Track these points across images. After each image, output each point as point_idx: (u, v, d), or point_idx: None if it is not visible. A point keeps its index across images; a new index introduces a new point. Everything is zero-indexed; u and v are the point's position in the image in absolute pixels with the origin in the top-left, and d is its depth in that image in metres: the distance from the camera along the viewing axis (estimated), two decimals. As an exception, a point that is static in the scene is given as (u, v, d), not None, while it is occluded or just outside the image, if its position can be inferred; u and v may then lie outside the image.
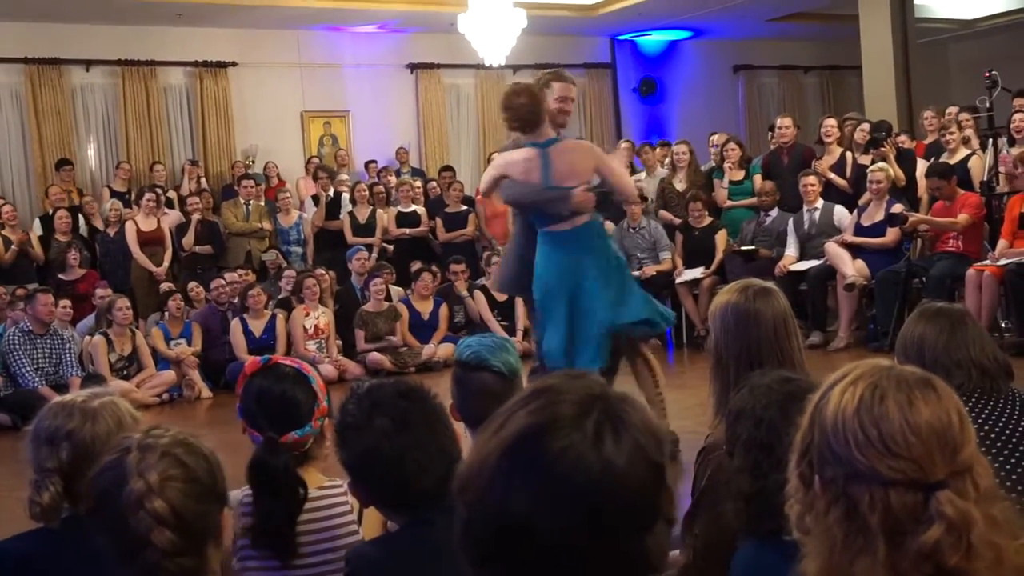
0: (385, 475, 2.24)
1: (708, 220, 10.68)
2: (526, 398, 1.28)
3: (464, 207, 12.33)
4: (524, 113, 5.58)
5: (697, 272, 10.42)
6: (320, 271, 10.79)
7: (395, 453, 2.22)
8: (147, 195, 11.47)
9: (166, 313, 10.16)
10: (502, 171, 5.71)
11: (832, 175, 10.25)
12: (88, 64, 13.29)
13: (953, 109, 10.94)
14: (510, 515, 1.21)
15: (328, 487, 2.65)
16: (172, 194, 12.68)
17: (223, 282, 10.44)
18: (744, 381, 2.38)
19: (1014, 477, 2.59)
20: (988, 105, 9.78)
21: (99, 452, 2.29)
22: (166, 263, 11.34)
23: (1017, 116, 9.51)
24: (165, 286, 10.76)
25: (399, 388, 2.34)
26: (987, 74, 9.70)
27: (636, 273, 10.57)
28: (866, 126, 10.59)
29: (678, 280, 10.43)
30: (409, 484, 2.22)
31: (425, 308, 10.67)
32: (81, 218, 11.91)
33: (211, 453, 1.93)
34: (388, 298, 10.70)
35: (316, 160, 13.84)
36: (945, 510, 1.40)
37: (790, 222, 10.07)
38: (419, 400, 2.32)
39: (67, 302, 9.70)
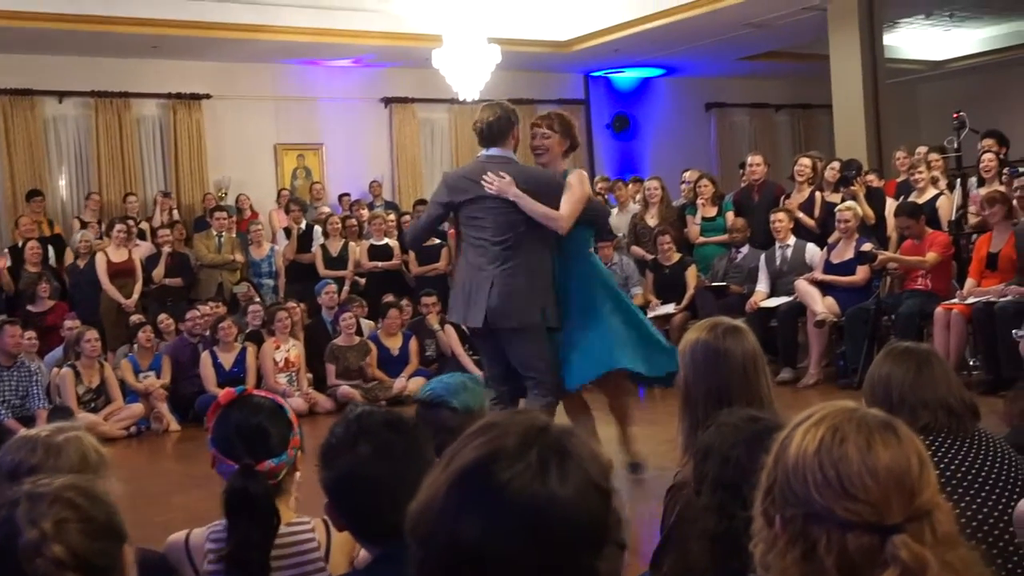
0: (359, 502, 2.24)
1: (677, 256, 10.72)
2: (471, 435, 1.32)
3: (437, 241, 12.32)
4: None
5: (669, 308, 10.45)
6: (291, 304, 10.75)
7: (372, 481, 2.21)
8: (118, 226, 11.41)
9: (135, 345, 10.09)
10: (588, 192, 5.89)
11: (800, 214, 10.32)
12: (61, 95, 13.26)
13: (923, 149, 11.06)
14: (462, 546, 1.24)
15: (296, 523, 2.64)
16: (144, 225, 12.63)
17: (198, 313, 10.39)
18: (712, 419, 2.39)
19: (979, 517, 2.60)
20: (956, 146, 9.90)
21: None
22: (136, 295, 11.26)
23: (986, 156, 9.62)
24: (135, 318, 10.69)
25: (388, 418, 2.34)
26: (955, 115, 9.83)
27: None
28: (836, 164, 10.69)
29: (649, 315, 10.45)
30: (382, 514, 2.20)
31: (394, 344, 10.63)
32: (51, 249, 11.81)
33: (104, 493, 1.92)
34: (359, 332, 10.66)
35: (286, 193, 13.82)
36: (900, 554, 1.40)
37: (762, 258, 10.12)
38: (405, 432, 2.31)
39: (32, 333, 9.59)
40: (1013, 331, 7.79)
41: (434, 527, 1.27)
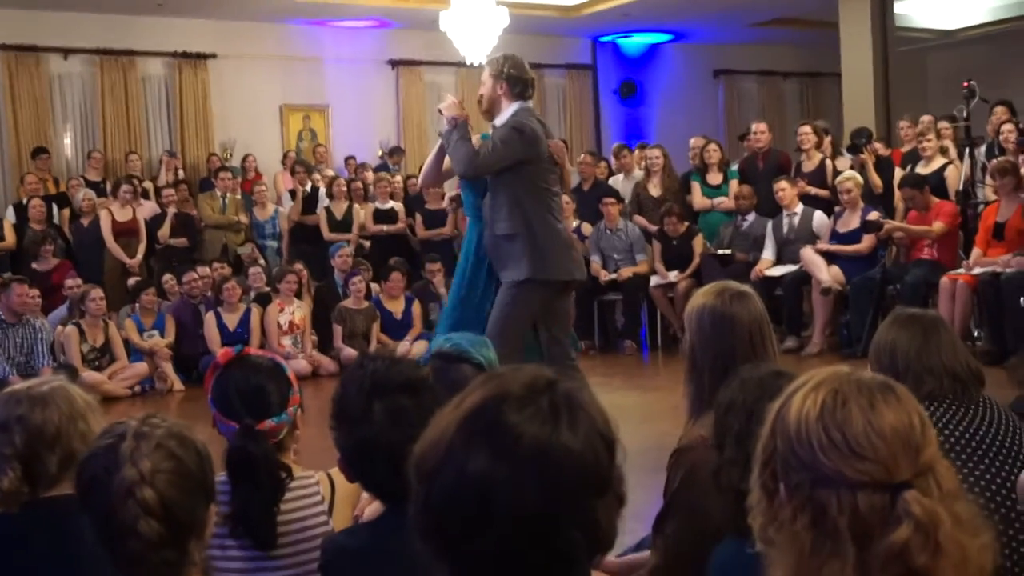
0: (375, 464, 2.24)
1: (684, 227, 10.62)
2: (482, 381, 1.38)
3: (446, 204, 12.31)
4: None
5: (672, 275, 10.42)
6: (298, 265, 10.74)
7: (385, 450, 2.19)
8: (124, 186, 11.40)
9: (138, 305, 10.10)
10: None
11: (813, 189, 10.24)
12: (66, 52, 13.19)
13: (926, 118, 10.97)
14: (467, 479, 1.27)
15: (301, 478, 2.64)
16: (148, 184, 12.61)
17: (196, 275, 10.38)
18: (735, 374, 2.36)
19: (983, 483, 2.60)
20: (965, 115, 9.83)
21: (53, 435, 2.32)
22: (140, 254, 11.27)
23: (1006, 127, 9.51)
24: (132, 280, 10.68)
25: (403, 380, 2.30)
26: (965, 84, 9.75)
27: (613, 275, 10.62)
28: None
29: (653, 283, 10.45)
30: (399, 474, 2.20)
31: (396, 307, 10.62)
32: (55, 208, 11.79)
33: (203, 447, 1.94)
34: (368, 297, 10.63)
35: (291, 154, 13.76)
36: (912, 509, 1.41)
37: (769, 225, 10.09)
38: (421, 396, 2.27)
39: (36, 291, 9.59)
40: (1021, 299, 7.80)
41: (441, 462, 1.31)
